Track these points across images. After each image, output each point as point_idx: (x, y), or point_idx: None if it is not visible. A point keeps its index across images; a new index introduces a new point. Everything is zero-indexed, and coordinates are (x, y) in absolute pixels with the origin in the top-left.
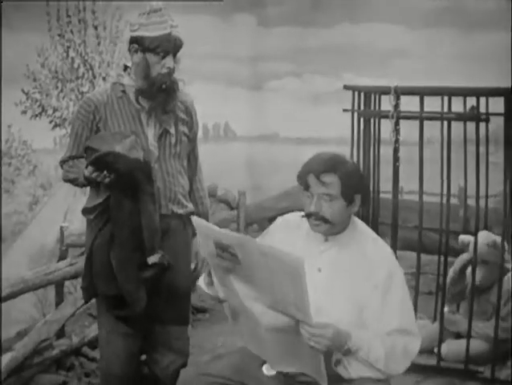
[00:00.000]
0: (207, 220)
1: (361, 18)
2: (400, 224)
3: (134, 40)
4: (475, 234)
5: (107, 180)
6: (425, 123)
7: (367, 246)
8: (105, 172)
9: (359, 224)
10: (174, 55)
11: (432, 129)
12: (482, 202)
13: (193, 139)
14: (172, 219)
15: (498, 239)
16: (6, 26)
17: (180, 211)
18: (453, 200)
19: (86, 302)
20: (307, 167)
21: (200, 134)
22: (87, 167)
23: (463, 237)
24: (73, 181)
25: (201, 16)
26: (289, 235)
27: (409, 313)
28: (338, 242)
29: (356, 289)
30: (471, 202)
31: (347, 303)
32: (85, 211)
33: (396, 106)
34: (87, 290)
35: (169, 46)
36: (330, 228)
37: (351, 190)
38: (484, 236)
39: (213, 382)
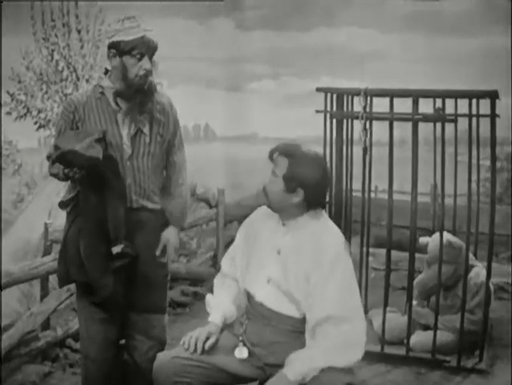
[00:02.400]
0: (185, 214)
1: (337, 22)
2: (374, 222)
3: (111, 46)
4: (440, 232)
5: (77, 175)
6: (401, 124)
7: (320, 232)
8: (75, 169)
9: (320, 215)
10: (150, 58)
11: (407, 130)
12: (458, 200)
13: (171, 138)
14: (143, 212)
15: (452, 239)
16: None
17: (151, 206)
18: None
19: (60, 287)
20: (276, 146)
21: None
22: (53, 164)
23: (422, 239)
24: (55, 176)
25: (181, 20)
26: (259, 223)
27: (349, 300)
28: (293, 227)
29: (306, 267)
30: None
31: (298, 278)
32: (61, 204)
33: (365, 107)
34: (61, 277)
35: (143, 48)
36: (268, 203)
37: (294, 180)
38: (439, 237)
39: (186, 364)
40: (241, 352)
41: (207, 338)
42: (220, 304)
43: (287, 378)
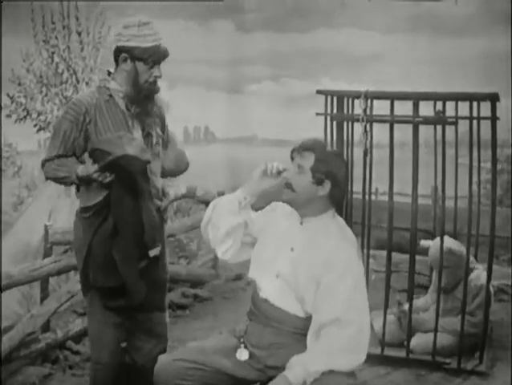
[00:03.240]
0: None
1: (337, 24)
2: (374, 224)
3: (124, 50)
4: (441, 235)
5: (107, 179)
6: (401, 126)
7: (336, 235)
8: (106, 173)
9: (338, 220)
10: (160, 64)
11: (408, 132)
12: (459, 202)
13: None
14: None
15: (453, 245)
16: None
17: (162, 205)
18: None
19: (85, 295)
20: (301, 143)
21: (181, 137)
22: (101, 168)
23: (423, 242)
24: (61, 179)
25: (181, 21)
26: (275, 217)
27: (357, 304)
28: (310, 227)
29: (317, 267)
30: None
31: (307, 277)
32: (84, 210)
33: (366, 110)
34: (85, 284)
35: (159, 57)
36: (293, 197)
37: (322, 172)
38: (439, 243)
39: (187, 367)
40: (242, 354)
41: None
42: None
43: (288, 380)
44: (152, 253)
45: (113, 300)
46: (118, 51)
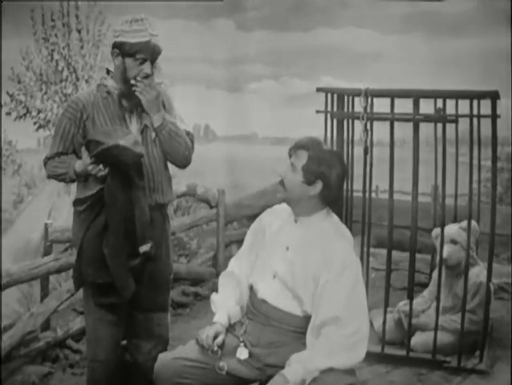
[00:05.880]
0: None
1: (338, 23)
2: (374, 222)
3: (115, 45)
4: (441, 235)
5: (101, 173)
6: (402, 124)
7: (332, 233)
8: (100, 166)
9: (333, 218)
10: (153, 62)
11: (408, 130)
12: (459, 200)
13: None
14: (154, 210)
15: (473, 222)
16: None
17: (163, 200)
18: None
19: (76, 290)
20: (297, 141)
21: None
22: (91, 158)
23: (435, 231)
24: (60, 176)
25: (181, 20)
26: (270, 218)
27: (356, 303)
28: (304, 225)
29: (314, 266)
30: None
31: (304, 276)
32: (77, 202)
33: (366, 107)
34: (76, 279)
35: (147, 53)
36: (286, 196)
37: (313, 171)
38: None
39: (187, 365)
40: (242, 353)
41: (215, 337)
42: (225, 304)
43: (287, 379)
44: (143, 249)
45: (104, 297)
46: (112, 47)
